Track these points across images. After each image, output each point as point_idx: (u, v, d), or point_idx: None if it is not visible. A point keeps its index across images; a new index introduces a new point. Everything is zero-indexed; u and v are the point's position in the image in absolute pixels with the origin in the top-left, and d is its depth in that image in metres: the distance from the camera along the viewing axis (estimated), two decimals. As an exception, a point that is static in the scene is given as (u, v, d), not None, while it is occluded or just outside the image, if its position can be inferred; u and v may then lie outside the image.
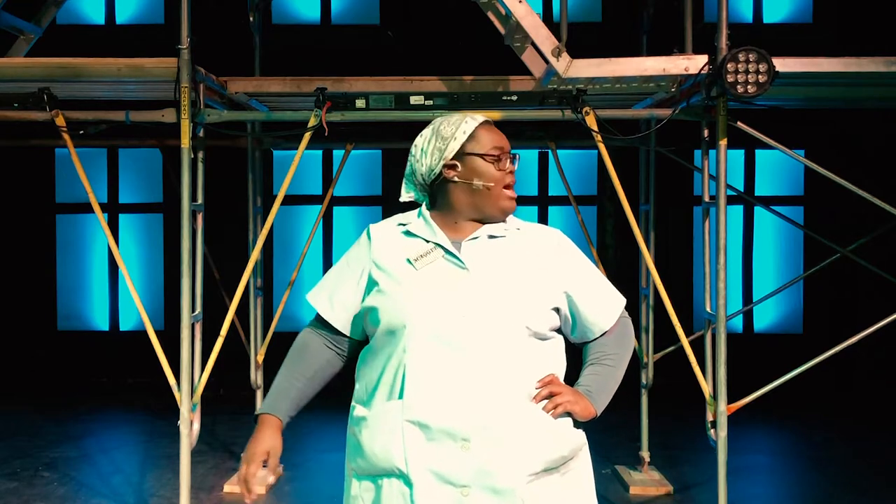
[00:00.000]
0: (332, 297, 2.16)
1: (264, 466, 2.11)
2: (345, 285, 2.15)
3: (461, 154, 2.10)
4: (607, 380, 2.17)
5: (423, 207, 2.19)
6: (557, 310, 2.12)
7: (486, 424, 1.97)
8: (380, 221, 2.22)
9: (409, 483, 1.97)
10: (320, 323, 2.20)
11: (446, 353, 1.99)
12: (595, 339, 2.20)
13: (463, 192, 2.11)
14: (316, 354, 2.18)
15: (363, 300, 2.12)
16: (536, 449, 2.01)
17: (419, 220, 2.15)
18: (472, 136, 2.11)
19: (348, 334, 2.17)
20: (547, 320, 2.08)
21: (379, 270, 2.09)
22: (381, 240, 2.14)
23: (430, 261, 2.06)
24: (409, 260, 2.07)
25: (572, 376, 2.18)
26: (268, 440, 2.09)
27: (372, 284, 2.10)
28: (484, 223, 2.13)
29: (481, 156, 2.10)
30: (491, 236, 2.12)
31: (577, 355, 2.22)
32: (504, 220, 2.14)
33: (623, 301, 2.24)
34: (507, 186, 2.11)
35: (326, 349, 2.19)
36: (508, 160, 2.12)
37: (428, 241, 2.10)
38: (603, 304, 2.19)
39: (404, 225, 2.16)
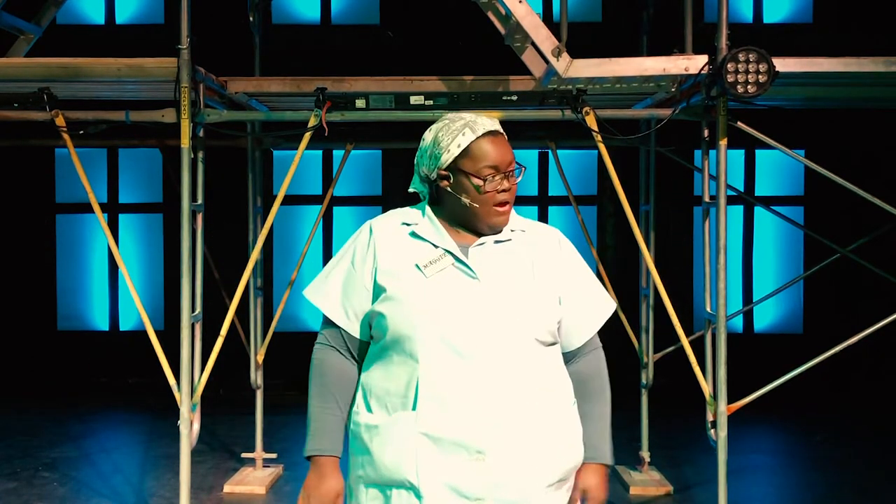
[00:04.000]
0: (346, 307, 2.10)
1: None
2: (355, 291, 2.09)
3: (453, 167, 2.05)
4: (605, 429, 2.17)
5: (427, 206, 2.14)
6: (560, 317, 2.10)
7: (501, 436, 1.95)
8: (380, 217, 2.16)
9: (419, 495, 1.95)
10: (333, 330, 2.13)
11: (459, 365, 1.96)
12: (575, 365, 2.15)
13: (455, 202, 2.07)
14: (342, 375, 2.11)
15: (371, 304, 2.07)
16: (552, 460, 2.01)
17: (424, 220, 2.10)
18: (465, 151, 2.03)
19: (363, 338, 2.13)
20: (554, 328, 2.07)
21: (386, 275, 2.05)
22: (385, 240, 2.09)
23: (439, 268, 2.02)
24: (418, 266, 2.03)
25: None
26: (335, 481, 2.05)
27: (380, 289, 2.05)
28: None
29: (470, 174, 2.03)
30: (497, 241, 2.08)
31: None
32: (491, 233, 2.07)
33: (612, 306, 2.20)
34: (498, 203, 2.04)
35: (348, 364, 2.13)
36: (502, 177, 2.04)
37: (436, 247, 2.06)
38: (586, 316, 2.15)
39: (409, 225, 2.11)
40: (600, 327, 2.18)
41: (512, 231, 2.11)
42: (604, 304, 2.19)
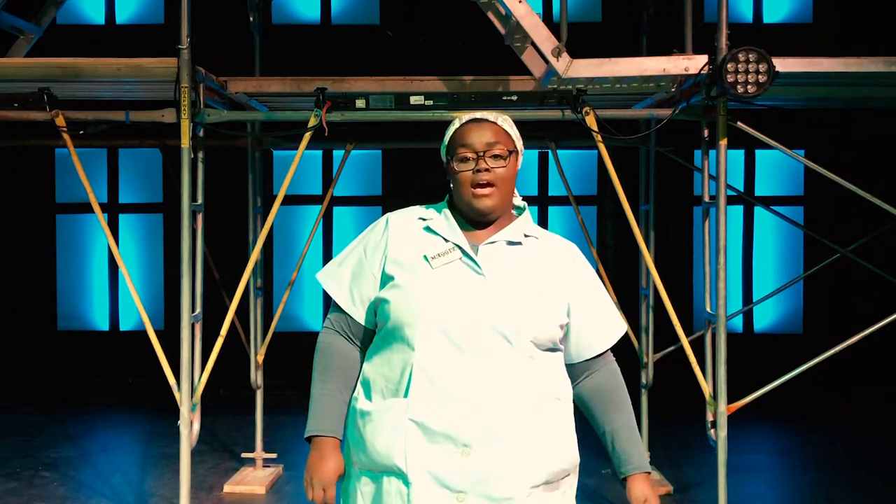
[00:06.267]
0: (354, 292, 2.13)
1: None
2: (364, 278, 2.12)
3: (447, 156, 2.14)
4: (637, 439, 2.17)
5: (446, 204, 2.18)
6: (564, 325, 2.10)
7: (489, 433, 1.96)
8: (398, 211, 2.19)
9: (407, 483, 1.97)
10: (339, 315, 2.16)
11: (455, 357, 1.98)
12: (593, 380, 2.16)
13: (453, 192, 2.14)
14: (345, 358, 2.13)
15: (378, 291, 2.10)
16: (539, 461, 2.00)
17: (440, 217, 2.14)
18: (452, 138, 2.12)
19: (367, 326, 2.15)
20: (555, 335, 2.07)
21: (394, 264, 2.07)
22: (399, 232, 2.12)
23: (447, 261, 2.05)
24: (426, 257, 2.06)
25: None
26: (334, 461, 2.05)
27: (387, 277, 2.08)
28: (481, 223, 2.11)
29: (452, 158, 2.10)
30: (509, 242, 2.10)
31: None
32: (481, 219, 2.10)
33: (624, 328, 2.21)
34: (474, 185, 2.06)
35: (352, 349, 2.15)
36: (477, 159, 2.06)
37: (447, 241, 2.08)
38: (600, 328, 2.16)
39: (425, 220, 2.14)
40: (613, 344, 2.18)
41: (526, 236, 2.13)
42: (616, 324, 2.20)
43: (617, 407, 2.16)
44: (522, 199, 2.23)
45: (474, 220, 2.11)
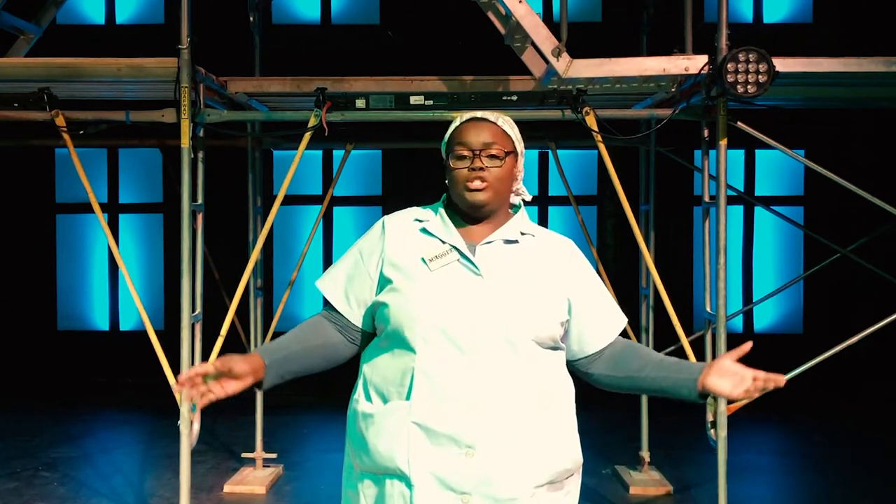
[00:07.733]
0: (348, 293, 2.13)
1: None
2: (360, 280, 2.12)
3: (446, 153, 2.14)
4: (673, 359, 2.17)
5: (441, 204, 2.17)
6: (564, 322, 2.10)
7: (493, 433, 1.96)
8: (395, 213, 2.19)
9: (409, 485, 1.96)
10: (331, 313, 2.16)
11: (456, 359, 1.98)
12: (601, 358, 2.15)
13: (449, 187, 2.14)
14: (324, 332, 2.14)
15: (376, 295, 2.10)
16: (542, 461, 2.00)
17: (436, 218, 2.13)
18: (451, 135, 2.13)
19: (363, 328, 2.14)
20: (555, 333, 2.07)
21: (392, 267, 2.07)
22: (395, 235, 2.12)
23: (444, 263, 2.05)
24: (423, 259, 2.06)
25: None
26: (244, 360, 2.05)
27: (385, 281, 2.08)
28: (476, 219, 2.10)
29: (447, 156, 2.11)
30: (506, 241, 2.09)
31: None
32: (475, 213, 2.09)
33: (625, 321, 2.21)
34: (468, 181, 2.06)
35: (337, 333, 2.15)
36: (472, 157, 2.06)
37: (444, 242, 2.08)
38: (604, 321, 2.16)
39: (421, 221, 2.14)
40: (614, 339, 2.17)
41: (522, 234, 2.13)
42: (617, 318, 2.20)
43: (642, 353, 2.16)
44: (520, 199, 2.22)
45: (470, 216, 2.11)
